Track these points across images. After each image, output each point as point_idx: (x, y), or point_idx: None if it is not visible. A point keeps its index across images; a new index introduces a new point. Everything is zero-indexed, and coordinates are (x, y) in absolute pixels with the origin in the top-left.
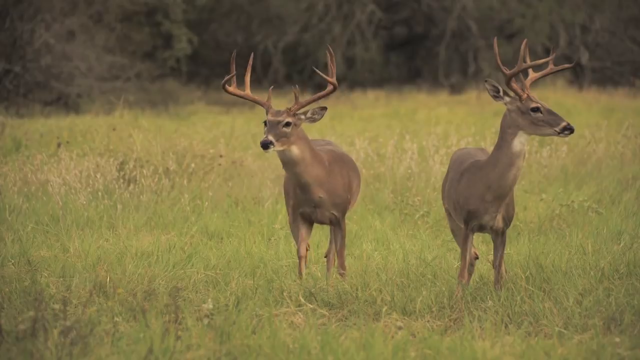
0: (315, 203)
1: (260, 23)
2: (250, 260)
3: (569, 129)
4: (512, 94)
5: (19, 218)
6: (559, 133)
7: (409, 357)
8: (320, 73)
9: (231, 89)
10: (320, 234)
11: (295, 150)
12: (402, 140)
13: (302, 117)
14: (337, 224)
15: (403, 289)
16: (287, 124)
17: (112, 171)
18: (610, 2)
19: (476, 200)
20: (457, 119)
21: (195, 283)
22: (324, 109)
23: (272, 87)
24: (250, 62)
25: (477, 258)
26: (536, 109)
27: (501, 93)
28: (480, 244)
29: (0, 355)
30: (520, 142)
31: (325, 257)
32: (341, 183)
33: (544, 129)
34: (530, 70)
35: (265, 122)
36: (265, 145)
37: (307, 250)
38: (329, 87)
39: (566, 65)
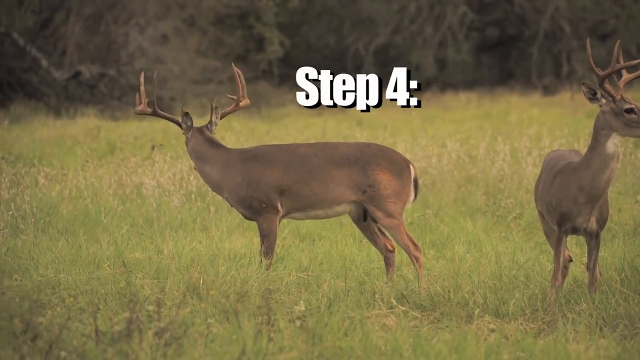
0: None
1: (352, 25)
2: (341, 262)
3: None
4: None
5: (114, 220)
6: None
7: (501, 359)
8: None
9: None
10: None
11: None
12: (494, 142)
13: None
14: (256, 221)
15: (495, 291)
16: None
17: None
18: None
19: (569, 202)
20: (550, 121)
21: (287, 285)
22: (187, 114)
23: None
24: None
25: (570, 261)
26: (630, 110)
27: (598, 95)
28: (574, 246)
29: (96, 356)
30: (614, 143)
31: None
32: (238, 182)
33: (638, 130)
34: (624, 71)
35: None
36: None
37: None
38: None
39: None
